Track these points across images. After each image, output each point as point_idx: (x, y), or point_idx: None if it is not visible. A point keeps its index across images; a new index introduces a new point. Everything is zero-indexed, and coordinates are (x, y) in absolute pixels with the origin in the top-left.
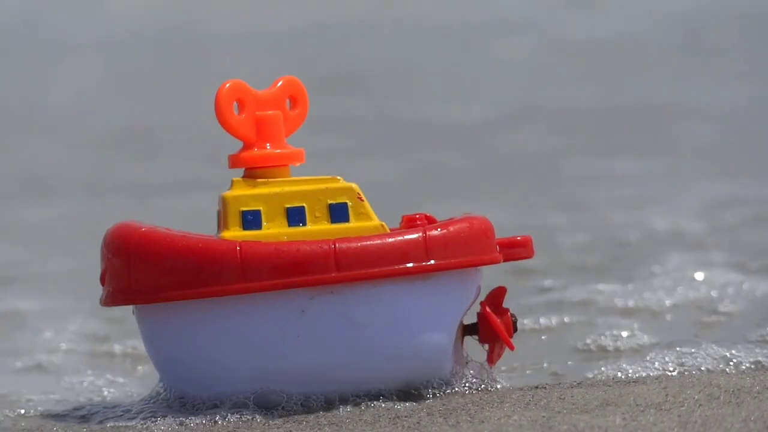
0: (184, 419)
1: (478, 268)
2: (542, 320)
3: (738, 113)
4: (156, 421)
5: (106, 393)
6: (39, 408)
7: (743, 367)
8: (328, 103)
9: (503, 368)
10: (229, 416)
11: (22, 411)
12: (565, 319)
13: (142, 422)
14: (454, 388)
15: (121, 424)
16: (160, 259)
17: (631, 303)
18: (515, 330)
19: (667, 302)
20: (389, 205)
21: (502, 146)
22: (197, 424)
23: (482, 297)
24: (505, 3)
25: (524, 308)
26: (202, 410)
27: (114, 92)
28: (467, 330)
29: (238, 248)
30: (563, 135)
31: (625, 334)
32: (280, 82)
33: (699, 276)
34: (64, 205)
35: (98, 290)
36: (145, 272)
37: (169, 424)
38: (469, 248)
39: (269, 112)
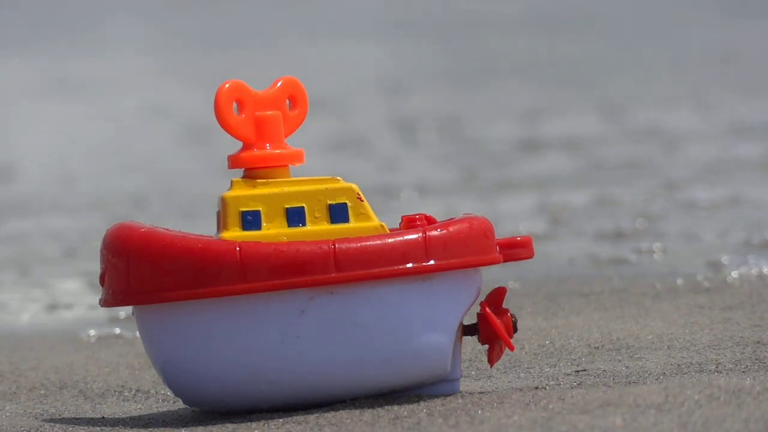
0: (183, 419)
1: (477, 268)
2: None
3: None
4: (155, 420)
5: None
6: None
7: (743, 368)
8: None
9: (503, 369)
10: (228, 416)
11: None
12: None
13: (141, 422)
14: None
15: (120, 423)
16: (159, 259)
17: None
18: (515, 330)
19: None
20: None
21: None
22: (197, 424)
23: (482, 297)
24: None
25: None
26: (202, 411)
27: None
28: (467, 330)
29: (237, 249)
30: None
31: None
32: (280, 83)
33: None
34: None
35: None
36: (144, 273)
37: (168, 424)
38: (468, 248)
39: (269, 112)
